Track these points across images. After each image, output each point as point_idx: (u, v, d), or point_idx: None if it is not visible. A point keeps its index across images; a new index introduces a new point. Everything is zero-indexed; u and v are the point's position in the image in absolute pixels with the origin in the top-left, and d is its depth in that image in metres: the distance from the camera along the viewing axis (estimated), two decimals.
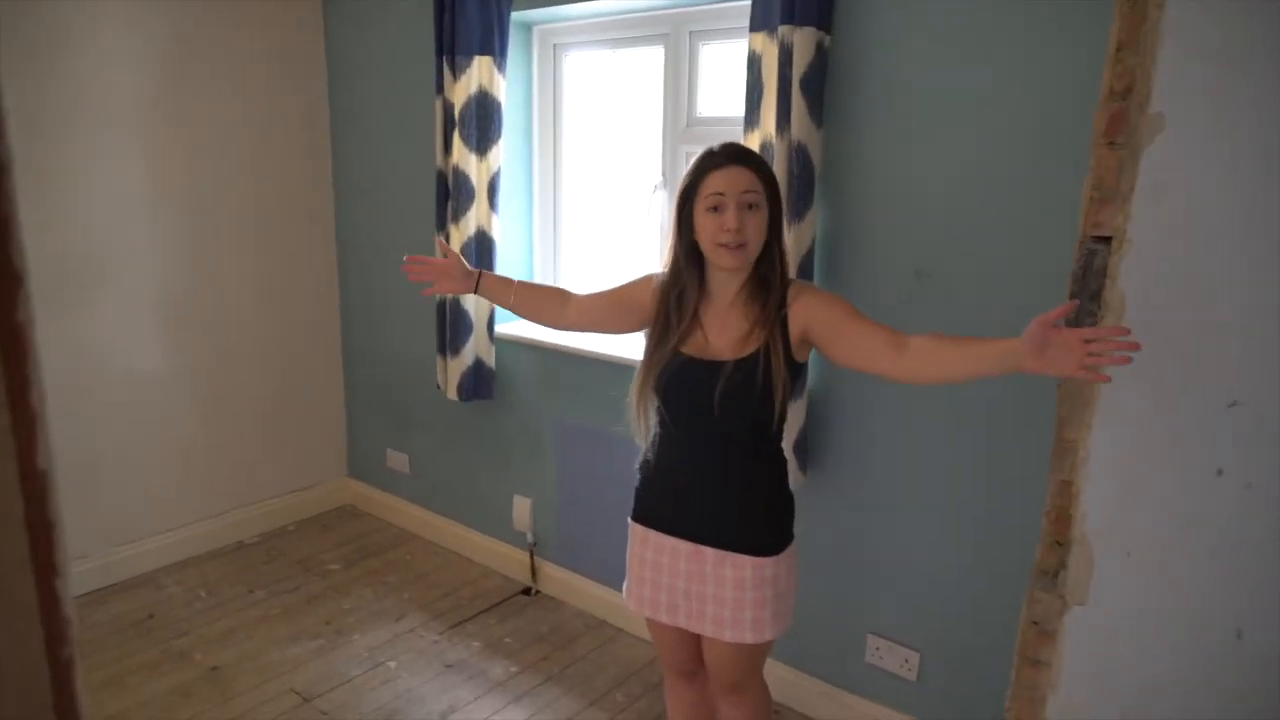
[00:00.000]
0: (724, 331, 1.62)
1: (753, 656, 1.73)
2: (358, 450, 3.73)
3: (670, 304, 1.65)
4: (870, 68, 1.99)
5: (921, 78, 1.94)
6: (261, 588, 3.05)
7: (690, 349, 1.63)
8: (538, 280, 3.01)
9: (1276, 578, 1.42)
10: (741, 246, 1.54)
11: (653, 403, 1.67)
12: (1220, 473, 1.43)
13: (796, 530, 1.73)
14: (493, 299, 1.91)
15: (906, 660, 2.24)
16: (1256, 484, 1.40)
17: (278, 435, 3.50)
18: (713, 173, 1.54)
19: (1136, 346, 1.25)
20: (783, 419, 1.63)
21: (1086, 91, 1.66)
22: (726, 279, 1.62)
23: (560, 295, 1.89)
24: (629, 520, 1.80)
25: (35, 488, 0.30)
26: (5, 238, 0.30)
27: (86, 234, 2.84)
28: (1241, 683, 1.47)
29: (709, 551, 1.66)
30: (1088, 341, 1.26)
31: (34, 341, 0.32)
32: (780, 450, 1.70)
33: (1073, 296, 1.52)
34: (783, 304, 1.60)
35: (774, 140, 1.98)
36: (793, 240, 2.00)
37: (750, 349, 1.58)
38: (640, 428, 1.70)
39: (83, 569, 2.96)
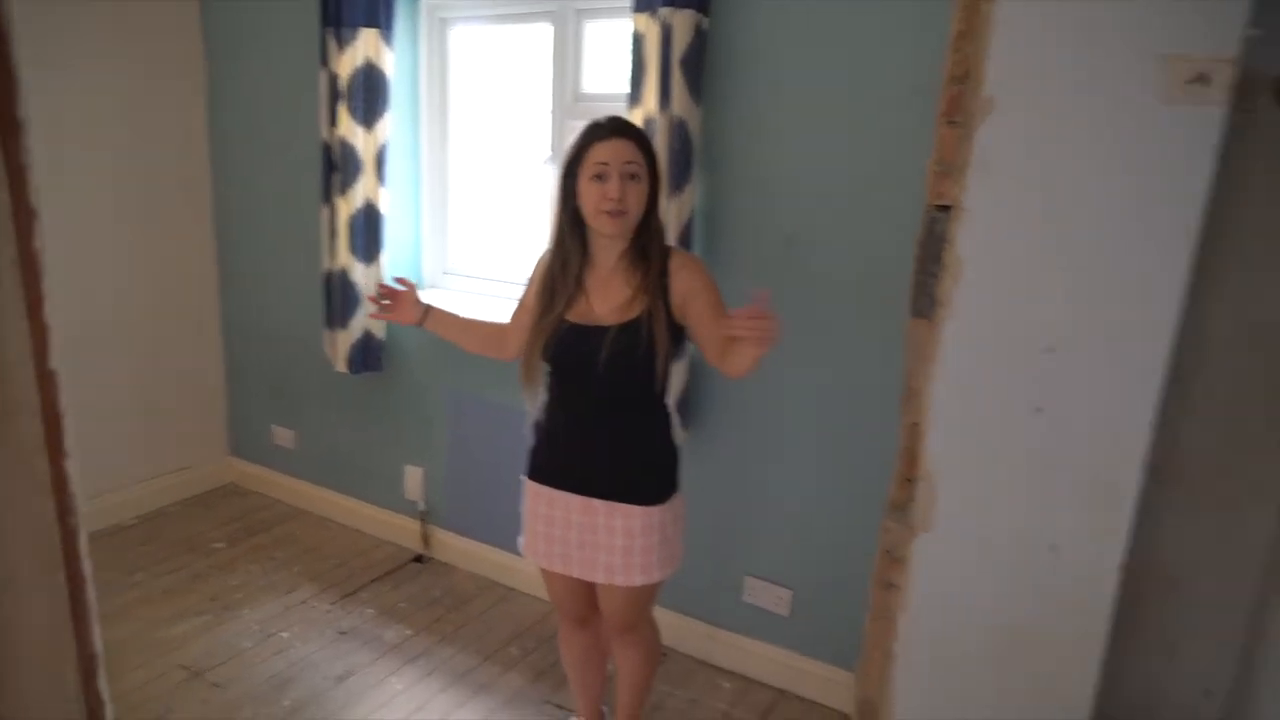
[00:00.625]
0: (607, 297, 1.73)
1: (643, 598, 1.88)
2: (240, 428, 3.66)
3: (556, 271, 1.75)
4: (745, 50, 2.15)
5: (790, 60, 2.11)
6: (141, 569, 2.98)
7: (575, 315, 1.73)
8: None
9: (1085, 500, 1.67)
10: (622, 214, 1.65)
11: (542, 367, 1.78)
12: (1039, 410, 1.66)
13: (681, 483, 1.89)
14: (440, 332, 2.00)
15: (780, 597, 2.45)
16: (1068, 419, 1.64)
17: (153, 414, 3.39)
18: (598, 144, 1.65)
19: (768, 327, 1.45)
20: (665, 379, 1.75)
21: (935, 74, 1.86)
22: (608, 246, 1.73)
23: (499, 329, 1.98)
24: (523, 478, 1.90)
25: (49, 385, 0.37)
26: (20, 182, 0.38)
27: None
28: (1057, 589, 1.72)
29: (599, 504, 1.78)
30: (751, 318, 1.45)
31: (44, 265, 0.40)
32: (664, 406, 1.83)
33: (918, 260, 1.72)
34: (664, 272, 1.71)
35: (656, 116, 2.11)
36: (674, 210, 2.14)
37: (633, 314, 1.69)
38: (530, 391, 1.82)
39: None
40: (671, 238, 2.15)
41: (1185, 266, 1.48)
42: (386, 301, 1.95)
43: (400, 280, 1.96)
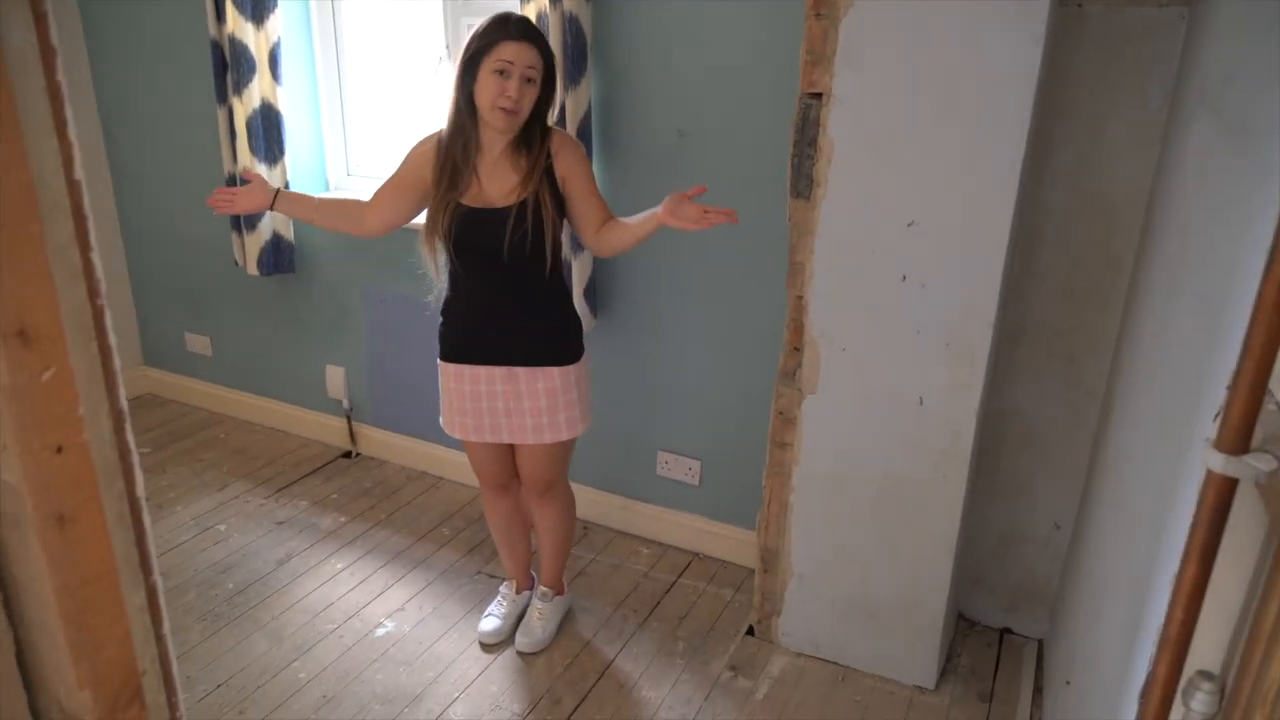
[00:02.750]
0: (496, 181, 1.85)
1: (562, 455, 2.08)
2: (151, 337, 3.64)
3: (456, 155, 1.85)
4: None
5: None
6: None
7: (469, 199, 1.86)
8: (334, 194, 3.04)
9: (946, 357, 1.88)
10: (515, 113, 1.77)
11: (441, 249, 1.90)
12: (904, 278, 1.85)
13: (592, 368, 2.05)
14: (290, 213, 2.05)
15: (690, 468, 2.66)
16: (929, 285, 1.83)
17: None
18: (506, 43, 1.74)
19: (734, 220, 1.75)
20: (557, 252, 1.89)
21: None
22: (496, 135, 1.83)
23: (357, 205, 2.04)
24: (439, 361, 2.03)
25: (76, 191, 0.47)
26: (44, 26, 0.45)
27: None
28: (926, 438, 1.96)
29: (521, 371, 1.95)
30: (705, 212, 1.74)
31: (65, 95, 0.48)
32: (561, 278, 1.99)
33: (795, 144, 1.85)
34: (548, 154, 1.85)
35: (548, 11, 2.15)
36: (571, 104, 2.21)
37: (522, 195, 1.83)
38: (433, 270, 1.95)
39: None
40: (570, 130, 2.23)
41: (1023, 144, 1.65)
42: (228, 200, 1.99)
43: (245, 174, 2.05)
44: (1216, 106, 1.31)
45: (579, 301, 2.39)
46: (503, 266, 1.86)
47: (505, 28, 1.75)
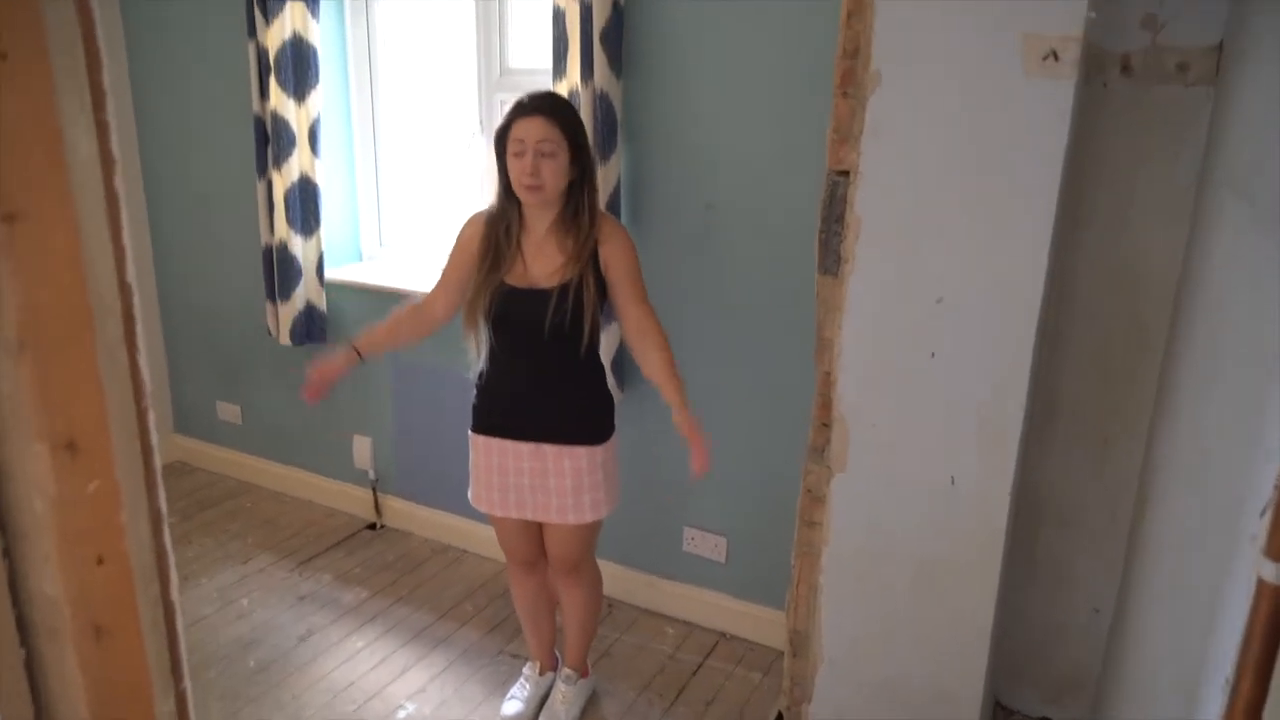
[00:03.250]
0: (541, 261, 1.88)
1: (588, 536, 2.06)
2: (183, 404, 3.68)
3: (500, 235, 1.89)
4: (661, 27, 2.25)
5: (702, 37, 2.22)
6: None
7: (513, 279, 1.88)
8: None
9: (977, 437, 1.84)
10: (538, 188, 1.79)
11: (483, 326, 1.92)
12: (933, 355, 1.82)
13: (619, 444, 2.04)
14: (376, 352, 2.08)
15: (716, 545, 2.61)
16: (959, 362, 1.81)
17: None
18: (517, 122, 1.79)
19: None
20: (595, 334, 1.90)
21: (832, 47, 1.98)
22: (539, 214, 1.87)
23: (415, 310, 2.06)
24: (470, 433, 2.03)
25: (126, 294, 0.47)
26: (105, 135, 0.46)
27: None
28: (958, 519, 1.90)
29: (549, 448, 1.95)
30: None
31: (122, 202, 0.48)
32: (598, 357, 1.99)
33: (823, 220, 1.86)
34: (595, 240, 1.86)
35: (579, 89, 2.20)
36: (601, 179, 2.24)
37: (566, 278, 1.84)
38: (473, 347, 1.96)
39: None
40: (600, 204, 2.26)
41: (1051, 220, 1.64)
42: (321, 384, 2.02)
43: (320, 371, 2.02)
44: (1246, 192, 1.30)
45: (606, 367, 2.39)
46: (541, 345, 1.88)
47: (518, 107, 1.81)
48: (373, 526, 3.22)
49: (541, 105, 1.80)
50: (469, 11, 2.68)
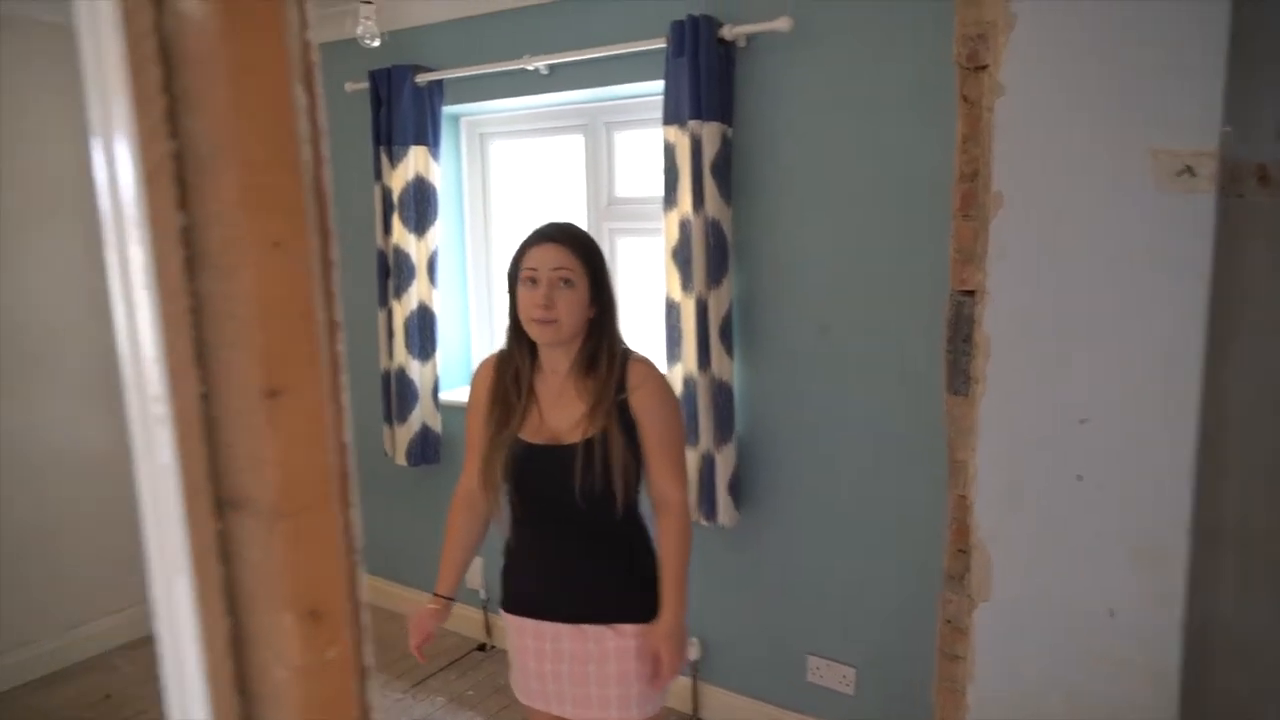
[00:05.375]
0: (560, 410, 1.61)
1: None
2: None
3: (508, 383, 1.64)
4: (767, 154, 2.30)
5: (811, 161, 2.25)
6: None
7: (530, 433, 1.61)
8: None
9: (1137, 564, 1.71)
10: (552, 322, 1.54)
11: (501, 488, 1.64)
12: (1080, 478, 1.72)
13: (735, 564, 1.93)
14: (457, 581, 1.83)
15: (844, 676, 2.47)
16: (1109, 486, 1.70)
17: None
18: (530, 249, 1.57)
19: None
20: (633, 491, 1.64)
21: (947, 167, 1.98)
22: (557, 355, 1.62)
23: (463, 503, 1.81)
24: (501, 611, 1.79)
25: (345, 457, 0.48)
26: (334, 337, 0.48)
27: (32, 311, 2.92)
28: (1122, 655, 1.75)
29: (590, 628, 1.66)
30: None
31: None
32: (640, 518, 1.71)
33: (949, 340, 1.81)
34: (622, 387, 1.60)
35: (691, 217, 2.25)
36: (713, 303, 2.26)
37: (590, 431, 1.57)
38: (494, 512, 1.70)
39: (34, 654, 2.96)
40: (712, 329, 2.27)
41: (1200, 336, 1.55)
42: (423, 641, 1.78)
43: (418, 631, 1.77)
44: None
45: (723, 495, 2.35)
46: (571, 508, 1.60)
47: (532, 235, 1.60)
48: (482, 647, 3.19)
49: (558, 233, 1.59)
50: (578, 146, 2.81)
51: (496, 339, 3.23)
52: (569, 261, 1.55)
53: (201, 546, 0.39)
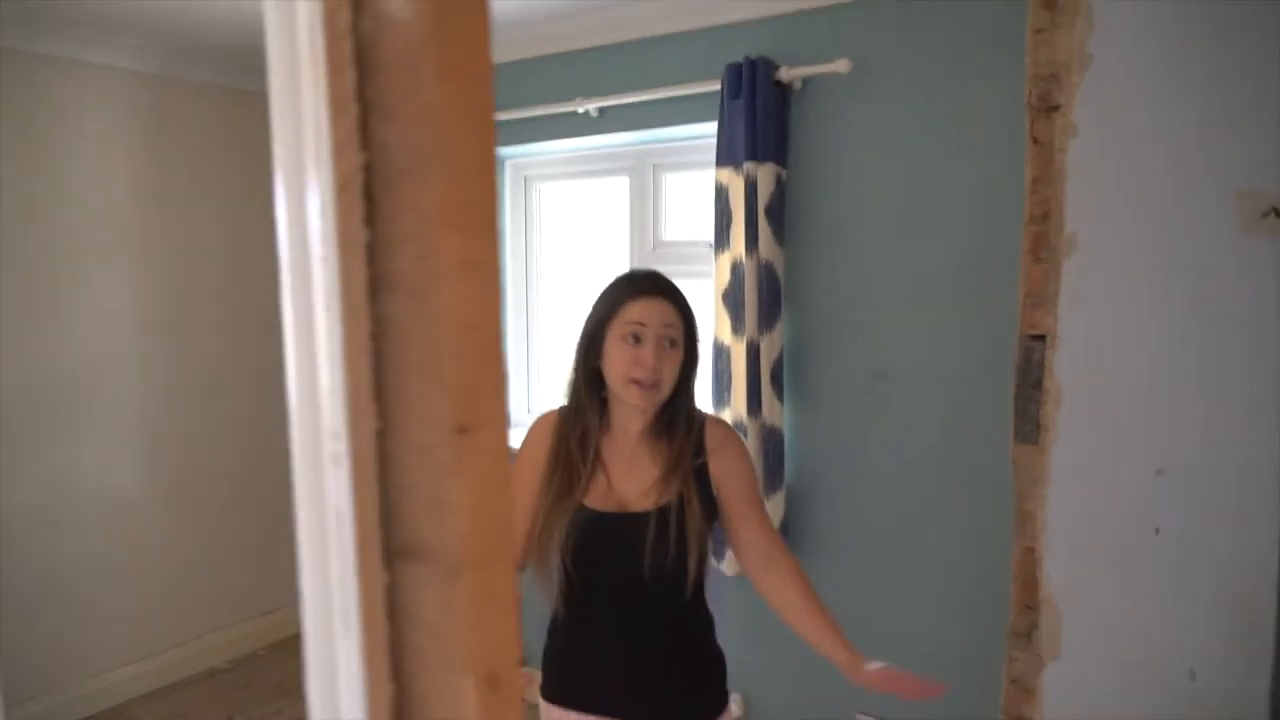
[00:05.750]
0: (631, 476, 1.46)
1: None
2: None
3: (572, 445, 1.46)
4: (822, 196, 2.28)
5: (868, 203, 2.22)
6: (241, 714, 3.02)
7: (595, 500, 1.44)
8: None
9: (1220, 623, 1.63)
10: (655, 385, 1.40)
11: (556, 562, 1.43)
12: (1158, 531, 1.65)
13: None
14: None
15: None
16: (1188, 538, 1.63)
17: (247, 555, 3.48)
18: (634, 301, 1.41)
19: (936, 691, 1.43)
20: (704, 571, 1.49)
21: (1010, 210, 1.94)
22: (633, 416, 1.47)
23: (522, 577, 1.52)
24: (541, 701, 1.54)
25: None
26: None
27: (66, 358, 2.91)
28: (1199, 717, 1.66)
29: None
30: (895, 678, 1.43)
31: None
32: (706, 602, 1.55)
33: (1018, 386, 1.76)
34: (700, 450, 1.47)
35: (744, 259, 2.22)
36: (765, 347, 2.22)
37: (665, 499, 1.42)
38: (546, 590, 1.47)
39: (53, 703, 2.90)
40: (763, 374, 2.23)
41: (1278, 380, 1.49)
42: None
43: None
44: None
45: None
46: (638, 586, 1.41)
47: (632, 284, 1.44)
48: None
49: (668, 287, 1.44)
50: (624, 188, 2.81)
51: (533, 386, 3.20)
52: (676, 320, 1.42)
53: (370, 600, 0.35)
